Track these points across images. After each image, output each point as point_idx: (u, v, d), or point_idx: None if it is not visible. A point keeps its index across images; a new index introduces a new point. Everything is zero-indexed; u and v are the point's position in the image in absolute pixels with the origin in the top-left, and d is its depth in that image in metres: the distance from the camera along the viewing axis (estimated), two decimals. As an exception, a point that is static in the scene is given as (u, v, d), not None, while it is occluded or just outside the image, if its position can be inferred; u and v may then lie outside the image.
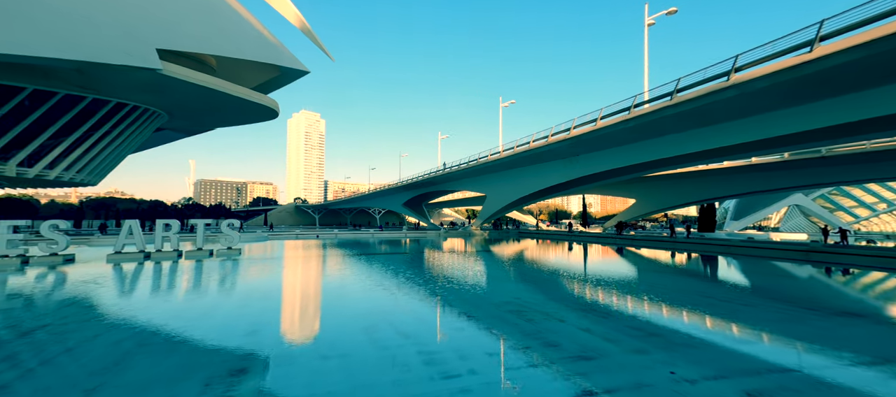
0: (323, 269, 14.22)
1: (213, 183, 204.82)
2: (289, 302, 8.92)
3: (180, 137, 46.29)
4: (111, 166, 33.66)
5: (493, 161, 34.12)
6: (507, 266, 15.95)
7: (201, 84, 29.55)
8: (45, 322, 6.53)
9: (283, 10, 40.06)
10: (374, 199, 71.02)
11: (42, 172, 26.88)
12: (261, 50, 34.07)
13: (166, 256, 14.78)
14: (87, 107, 27.53)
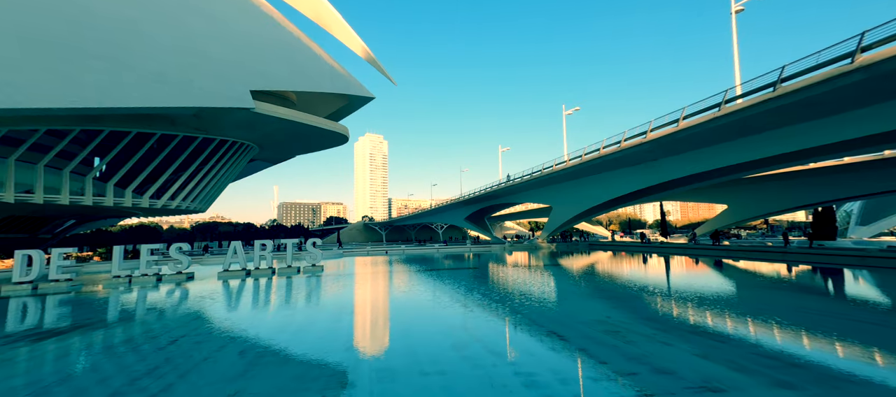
0: (400, 285, 14.71)
1: (292, 205, 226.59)
2: (375, 318, 9.32)
3: (267, 166, 52.10)
4: (216, 195, 38.86)
5: (558, 171, 32.87)
6: (585, 281, 15.02)
7: (286, 118, 33.10)
8: (185, 332, 7.61)
9: (350, 44, 43.44)
10: (436, 215, 72.53)
11: (166, 203, 31.89)
12: (333, 82, 37.27)
13: (263, 274, 16.53)
14: (198, 146, 32.27)
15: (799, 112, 15.59)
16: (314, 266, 17.53)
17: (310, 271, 17.35)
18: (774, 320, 7.74)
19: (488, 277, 16.52)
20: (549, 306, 9.81)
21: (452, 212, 64.60)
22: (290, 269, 17.14)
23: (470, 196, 53.85)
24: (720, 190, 34.79)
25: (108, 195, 28.50)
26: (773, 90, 15.34)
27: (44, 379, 5.12)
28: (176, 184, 32.14)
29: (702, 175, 23.95)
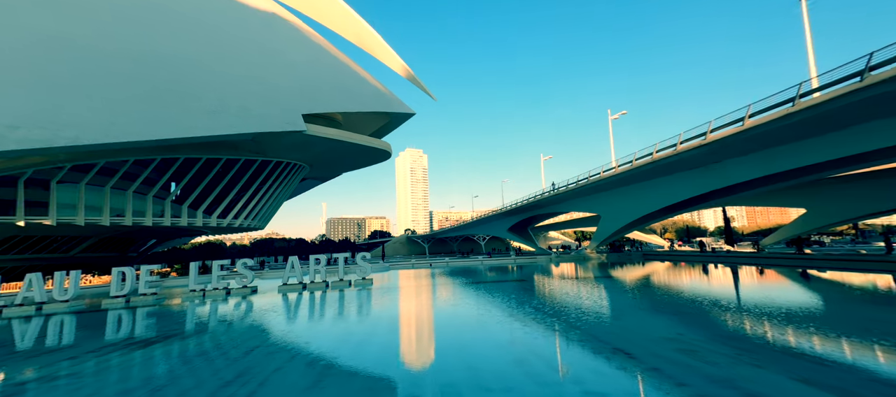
0: (449, 298, 14.70)
1: (339, 220, 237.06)
2: (429, 331, 9.36)
3: (317, 184, 55.06)
4: (273, 212, 41.62)
5: (607, 178, 31.41)
6: (644, 294, 14.05)
7: (334, 137, 34.90)
8: (257, 343, 8.15)
9: (391, 63, 45.10)
10: (477, 227, 72.14)
11: (231, 221, 34.65)
12: (376, 101, 38.84)
13: (318, 287, 17.34)
14: (257, 168, 34.88)
15: (892, 104, 13.70)
16: (364, 279, 18.10)
17: (360, 284, 17.92)
18: (889, 341, 6.69)
19: (538, 290, 16.03)
20: (609, 321, 9.28)
21: (494, 223, 63.91)
22: (342, 282, 17.82)
23: (512, 206, 53.03)
24: (796, 192, 31.22)
25: (182, 216, 31.59)
26: (860, 79, 13.63)
27: (153, 381, 5.74)
28: (239, 204, 34.89)
29: (774, 176, 21.68)
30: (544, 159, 59.73)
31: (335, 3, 39.36)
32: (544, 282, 19.05)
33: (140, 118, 23.27)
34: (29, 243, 29.20)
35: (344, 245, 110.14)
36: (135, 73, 23.68)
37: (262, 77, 29.56)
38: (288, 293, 16.54)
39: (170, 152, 28.44)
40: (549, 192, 42.15)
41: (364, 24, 41.11)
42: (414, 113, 44.05)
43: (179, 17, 26.77)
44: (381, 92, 39.72)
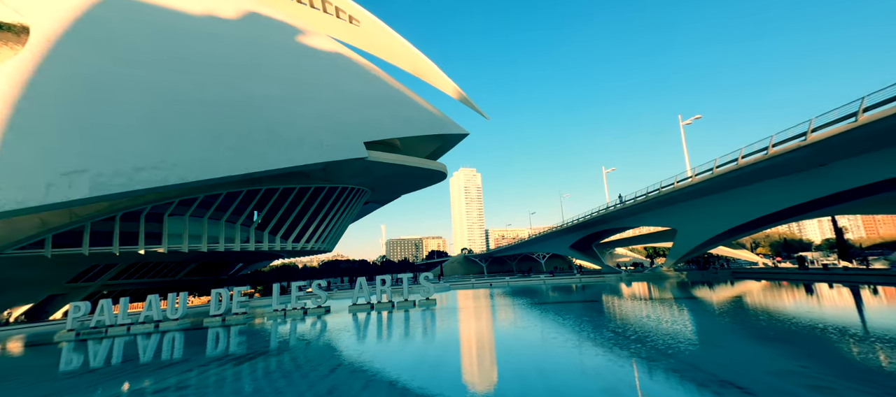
0: (516, 320, 14.23)
1: (397, 241, 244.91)
2: (504, 354, 9.06)
3: (378, 207, 57.71)
4: (339, 235, 44.26)
5: (682, 188, 28.71)
6: (742, 318, 12.32)
7: (393, 162, 36.53)
8: (339, 361, 8.58)
9: (444, 87, 46.46)
10: (536, 244, 69.79)
11: (304, 245, 37.45)
12: (431, 124, 40.14)
13: (384, 307, 17.89)
14: (325, 194, 37.56)
15: None
16: (427, 299, 18.31)
17: (424, 304, 18.13)
18: None
19: (612, 312, 14.88)
20: (707, 349, 8.24)
21: (555, 240, 61.34)
22: (406, 303, 18.20)
23: (574, 222, 50.60)
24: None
25: (264, 241, 34.91)
26: None
27: (261, 392, 6.30)
28: (310, 228, 37.70)
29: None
30: (607, 171, 56.48)
31: (392, 38, 41.99)
32: (618, 304, 17.66)
33: (231, 155, 26.50)
34: (146, 268, 34.23)
35: (403, 265, 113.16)
36: (227, 116, 27.19)
37: (330, 112, 32.20)
38: (357, 313, 17.27)
39: (254, 184, 31.81)
40: (615, 206, 39.61)
41: (419, 54, 43.21)
42: (467, 133, 44.75)
43: (263, 65, 30.40)
44: (435, 115, 41.07)
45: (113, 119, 23.37)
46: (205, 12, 29.48)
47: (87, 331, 15.31)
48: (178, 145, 24.77)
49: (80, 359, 11.70)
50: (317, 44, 35.47)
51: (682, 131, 38.67)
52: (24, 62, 21.88)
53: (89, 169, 21.90)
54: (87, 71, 23.47)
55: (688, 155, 37.56)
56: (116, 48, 24.83)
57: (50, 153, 21.06)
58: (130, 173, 22.93)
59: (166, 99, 25.29)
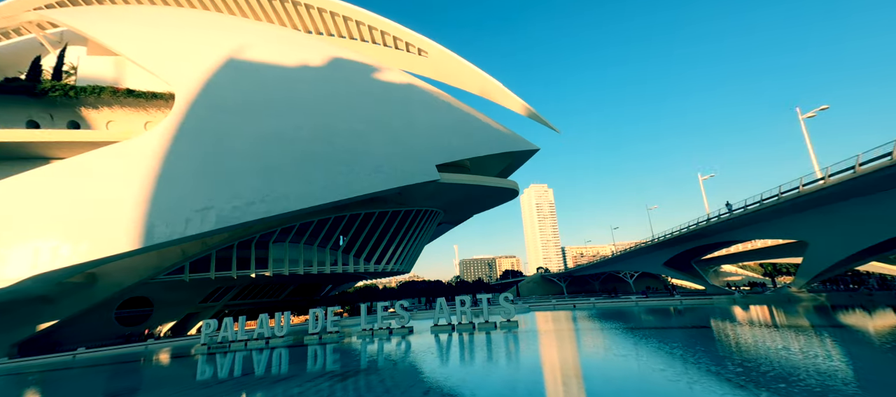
0: (611, 347, 12.88)
1: (470, 261, 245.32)
2: (608, 385, 8.16)
3: (451, 228, 58.64)
4: (416, 256, 45.72)
5: (813, 192, 23.89)
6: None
7: (464, 182, 36.96)
8: (430, 384, 8.61)
9: (511, 105, 46.20)
10: (623, 262, 63.81)
11: (384, 267, 39.41)
12: (500, 143, 39.99)
13: (465, 328, 17.72)
14: (401, 217, 39.32)
15: None
16: (509, 321, 17.68)
17: (506, 326, 17.53)
18: None
19: (733, 341, 12.64)
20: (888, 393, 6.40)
21: (645, 257, 55.45)
22: (487, 324, 17.79)
23: (668, 236, 45.29)
24: None
25: (350, 263, 37.61)
26: None
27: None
28: (389, 251, 39.65)
29: None
30: (703, 179, 49.77)
31: (458, 63, 43.45)
32: (737, 331, 15.00)
33: (321, 186, 29.40)
34: (256, 290, 39.13)
35: (477, 286, 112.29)
36: (317, 151, 30.40)
37: (404, 139, 34.10)
38: (439, 334, 17.37)
39: (340, 211, 34.67)
40: (720, 217, 34.54)
41: (484, 75, 43.92)
42: (537, 148, 43.62)
43: (345, 102, 33.62)
44: (503, 134, 40.93)
45: (230, 162, 27.67)
46: (299, 63, 33.83)
47: (215, 346, 17.84)
48: (279, 180, 28.29)
49: (211, 371, 13.60)
50: (390, 78, 38.22)
51: (802, 126, 32.59)
52: (170, 121, 27.27)
53: (215, 205, 26.03)
54: (211, 124, 28.35)
55: (814, 153, 31.26)
56: (233, 103, 29.67)
57: (187, 194, 25.60)
58: (244, 207, 26.69)
59: (270, 141, 29.24)
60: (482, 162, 41.60)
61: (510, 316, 17.73)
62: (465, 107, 40.75)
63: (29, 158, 26.06)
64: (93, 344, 25.77)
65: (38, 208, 23.00)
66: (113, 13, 36.01)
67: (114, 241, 23.20)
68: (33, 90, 27.42)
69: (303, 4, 41.73)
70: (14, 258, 21.20)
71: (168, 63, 30.04)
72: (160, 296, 31.61)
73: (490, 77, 44.36)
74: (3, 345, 24.24)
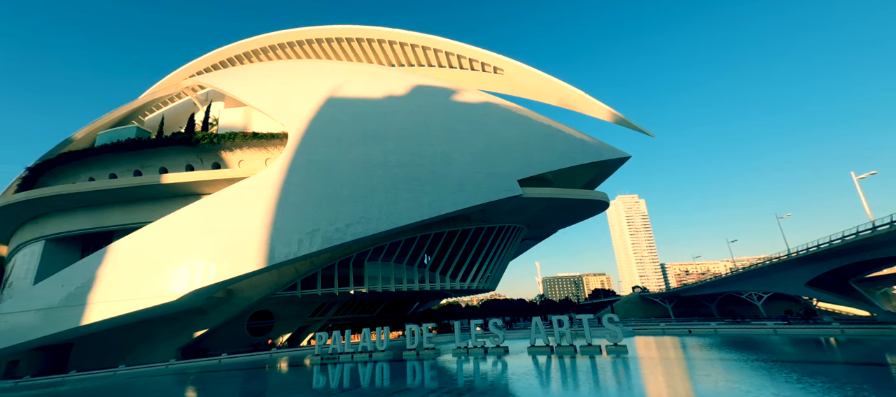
0: (763, 384, 10.59)
1: (554, 279, 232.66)
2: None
3: (535, 244, 56.47)
4: (501, 274, 44.84)
5: None
6: None
7: (548, 196, 35.45)
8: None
9: (595, 112, 43.47)
10: (747, 281, 53.89)
11: (470, 284, 39.40)
12: (585, 153, 37.69)
13: (566, 351, 16.45)
14: (484, 234, 39.10)
15: None
16: (616, 345, 15.92)
17: (613, 351, 15.83)
18: None
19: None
20: None
21: (779, 275, 46.05)
22: (590, 348, 16.28)
23: (816, 248, 36.97)
24: None
25: (436, 281, 38.46)
26: None
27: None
28: (473, 268, 39.61)
29: None
30: (858, 178, 39.57)
31: (535, 76, 42.69)
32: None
33: (408, 206, 30.91)
34: (354, 306, 42.24)
35: (564, 305, 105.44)
36: (404, 174, 32.19)
37: (485, 156, 34.30)
38: (537, 355, 16.43)
39: (425, 230, 35.91)
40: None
41: (564, 85, 42.32)
42: (628, 156, 40.13)
43: (428, 126, 35.29)
44: (587, 143, 38.61)
45: (332, 189, 30.79)
46: (385, 94, 36.73)
47: (327, 357, 19.51)
48: (372, 203, 30.53)
49: (323, 380, 14.80)
50: (468, 98, 39.13)
51: None
52: (284, 157, 31.58)
53: (320, 228, 29.05)
54: (316, 156, 32.04)
55: None
56: (333, 136, 33.27)
57: (299, 219, 29.07)
58: (344, 229, 29.29)
59: (364, 167, 31.91)
60: (567, 174, 39.60)
61: (618, 339, 15.99)
62: (545, 119, 39.57)
63: (187, 195, 32.48)
64: (232, 351, 30.39)
65: (192, 237, 28.36)
66: (242, 72, 43.82)
67: (246, 262, 27.35)
68: (190, 140, 34.42)
69: (386, 42, 45.60)
70: (179, 277, 26.33)
71: (282, 107, 35.19)
72: (279, 310, 36.10)
73: (568, 85, 42.54)
74: (173, 349, 30.00)
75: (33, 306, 25.65)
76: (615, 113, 40.38)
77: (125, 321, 26.07)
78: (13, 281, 33.01)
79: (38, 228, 33.59)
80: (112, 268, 26.61)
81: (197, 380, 18.30)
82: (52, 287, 26.16)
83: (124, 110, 42.91)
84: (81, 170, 35.46)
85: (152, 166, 35.05)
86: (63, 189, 31.95)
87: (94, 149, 34.98)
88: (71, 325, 24.80)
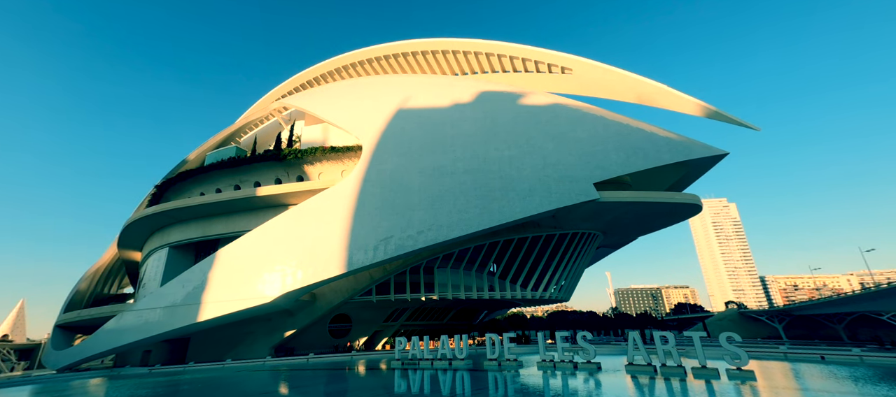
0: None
1: (628, 291, 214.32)
2: None
3: (610, 252, 52.38)
4: (575, 284, 42.15)
5: None
6: None
7: (627, 200, 32.59)
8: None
9: (681, 107, 39.44)
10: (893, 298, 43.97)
11: (542, 294, 37.54)
12: (671, 151, 34.10)
13: (673, 372, 14.44)
14: (556, 241, 37.09)
15: None
16: (740, 370, 13.55)
17: (736, 376, 13.49)
18: None
19: None
20: None
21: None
22: (705, 370, 14.09)
23: None
24: None
25: (507, 290, 37.31)
26: None
27: None
28: (546, 277, 37.73)
29: None
30: None
31: (607, 73, 40.02)
32: None
33: (477, 213, 30.49)
34: (424, 313, 42.70)
35: (643, 320, 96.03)
36: (472, 181, 31.93)
37: (555, 159, 32.71)
38: (637, 375, 14.67)
39: (493, 237, 35.13)
40: None
41: (640, 79, 39.06)
42: (725, 153, 35.49)
43: (495, 131, 34.78)
44: (672, 140, 34.87)
45: (404, 197, 31.59)
46: (451, 102, 37.08)
47: (407, 362, 19.66)
48: (441, 210, 30.67)
49: (404, 385, 14.73)
50: (535, 100, 37.89)
51: None
52: (359, 168, 33.23)
53: (393, 235, 29.87)
54: (388, 166, 33.23)
55: None
56: (404, 146, 34.31)
57: (374, 227, 30.17)
58: (415, 236, 29.77)
59: (433, 176, 32.32)
60: (647, 176, 36.15)
61: (743, 363, 13.63)
62: (622, 118, 36.70)
63: (277, 206, 35.77)
64: (317, 352, 32.44)
65: (282, 244, 30.96)
66: (319, 92, 47.62)
67: (328, 267, 29.07)
68: (278, 156, 38.01)
69: (450, 52, 46.34)
70: (272, 281, 28.87)
71: (355, 121, 37.32)
72: (356, 314, 37.82)
73: (646, 79, 39.12)
74: (267, 347, 32.93)
75: (161, 304, 29.93)
76: (706, 105, 36.07)
77: (230, 320, 29.17)
78: (146, 282, 39.08)
79: (164, 237, 39.46)
80: (219, 272, 30.08)
81: (293, 376, 19.57)
82: (175, 287, 30.33)
83: (224, 133, 49.04)
84: (194, 186, 41.07)
85: (248, 181, 39.33)
86: (182, 203, 37.22)
87: (203, 168, 40.35)
88: (189, 321, 28.42)
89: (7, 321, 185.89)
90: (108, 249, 47.51)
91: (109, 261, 47.99)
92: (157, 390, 16.98)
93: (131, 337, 29.67)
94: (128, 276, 52.30)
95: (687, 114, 38.54)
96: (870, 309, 49.86)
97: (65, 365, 33.80)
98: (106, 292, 50.28)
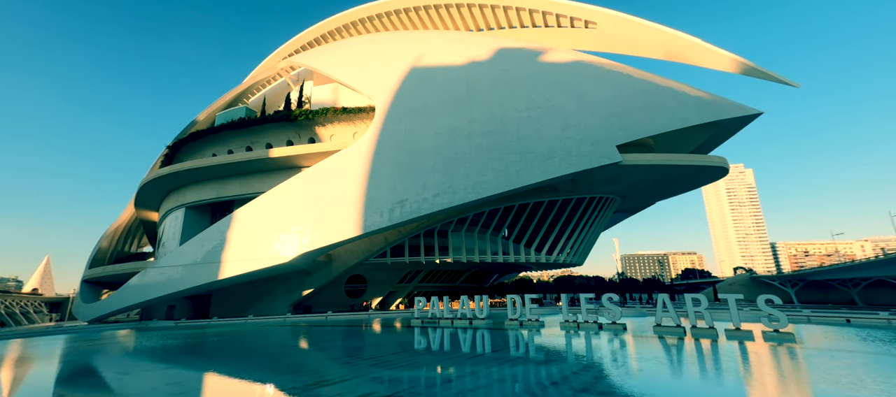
0: None
1: (635, 257, 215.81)
2: None
3: (627, 217, 51.69)
4: (589, 248, 41.89)
5: None
6: None
7: (650, 163, 31.34)
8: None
9: (714, 63, 37.09)
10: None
11: (556, 258, 37.39)
12: (699, 111, 32.35)
13: (704, 333, 14.17)
14: (574, 206, 36.40)
15: None
16: (778, 332, 13.21)
17: (776, 338, 13.15)
18: None
19: None
20: None
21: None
22: (738, 332, 13.79)
23: None
24: None
25: (521, 254, 37.21)
26: None
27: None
28: (561, 241, 37.43)
29: None
30: None
31: (635, 26, 37.42)
32: None
33: (494, 176, 29.71)
34: (437, 275, 43.15)
35: (650, 285, 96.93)
36: (489, 143, 30.88)
37: (576, 121, 31.29)
38: (664, 336, 14.45)
39: (509, 201, 34.53)
40: None
41: (671, 32, 36.47)
42: (759, 112, 33.57)
43: (513, 91, 33.20)
44: (703, 99, 32.95)
45: (418, 160, 30.81)
46: (467, 60, 35.26)
47: (426, 321, 19.78)
48: (457, 173, 29.93)
49: (424, 342, 14.73)
50: (556, 58, 35.83)
51: None
52: (372, 130, 32.29)
53: (408, 198, 29.42)
54: (402, 127, 32.20)
55: None
56: (418, 107, 33.06)
57: (388, 190, 29.75)
58: (431, 199, 29.29)
59: (449, 137, 31.29)
60: (672, 137, 34.56)
61: (781, 325, 13.25)
62: (648, 75, 34.64)
63: (290, 168, 35.35)
64: (335, 310, 33.19)
65: (298, 206, 30.81)
66: (328, 50, 45.72)
67: (343, 229, 28.99)
68: (289, 117, 37.12)
69: (465, 5, 43.61)
70: (289, 241, 28.99)
71: (367, 81, 35.90)
72: (371, 275, 38.35)
73: (677, 32, 36.49)
74: (286, 305, 33.78)
75: (182, 262, 30.48)
76: (742, 60, 33.73)
77: (248, 278, 29.68)
78: (165, 241, 39.82)
79: (180, 197, 39.69)
80: (237, 232, 30.28)
81: (313, 332, 19.92)
82: (195, 246, 30.74)
83: (232, 94, 47.92)
84: (206, 147, 40.70)
85: (260, 142, 38.75)
86: (195, 163, 37.01)
87: (214, 129, 39.74)
88: (210, 279, 28.99)
89: (35, 275, 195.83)
90: (125, 208, 48.22)
91: (128, 221, 48.88)
92: (188, 340, 17.39)
93: (156, 292, 30.52)
94: (146, 236, 53.48)
95: (720, 70, 36.21)
96: (888, 273, 49.27)
97: (95, 316, 35.23)
98: (126, 250, 51.66)
